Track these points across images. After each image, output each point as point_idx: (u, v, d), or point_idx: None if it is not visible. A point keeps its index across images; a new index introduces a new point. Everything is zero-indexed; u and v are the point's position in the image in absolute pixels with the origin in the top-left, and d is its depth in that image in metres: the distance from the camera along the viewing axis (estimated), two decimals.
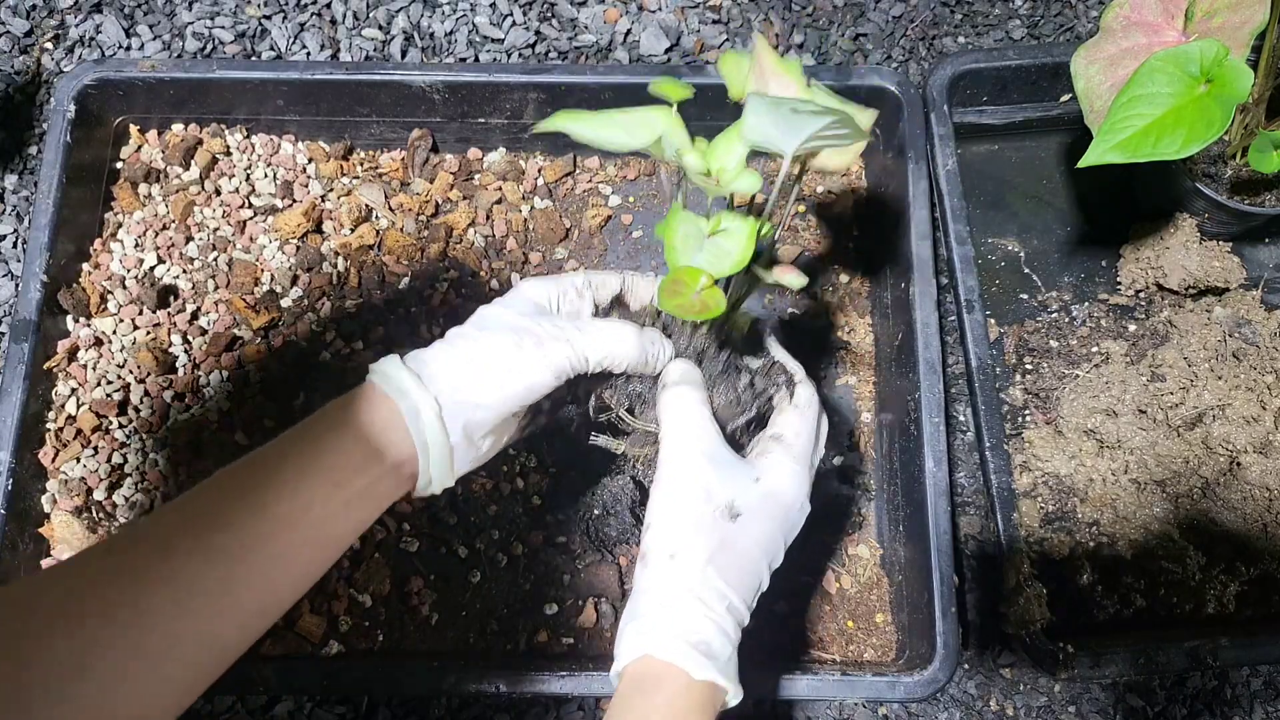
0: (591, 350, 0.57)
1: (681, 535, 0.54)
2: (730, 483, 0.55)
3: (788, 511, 0.56)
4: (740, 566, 0.54)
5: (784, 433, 0.58)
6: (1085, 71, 0.74)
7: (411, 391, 0.54)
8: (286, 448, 0.53)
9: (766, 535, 0.55)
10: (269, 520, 0.50)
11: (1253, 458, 0.76)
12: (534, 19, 0.94)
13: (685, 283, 0.52)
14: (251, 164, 0.86)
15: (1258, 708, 0.78)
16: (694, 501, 0.54)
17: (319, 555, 0.53)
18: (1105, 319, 0.84)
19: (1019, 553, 0.74)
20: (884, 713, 0.77)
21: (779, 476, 0.56)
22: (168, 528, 0.49)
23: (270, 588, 0.50)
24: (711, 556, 0.53)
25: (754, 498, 0.55)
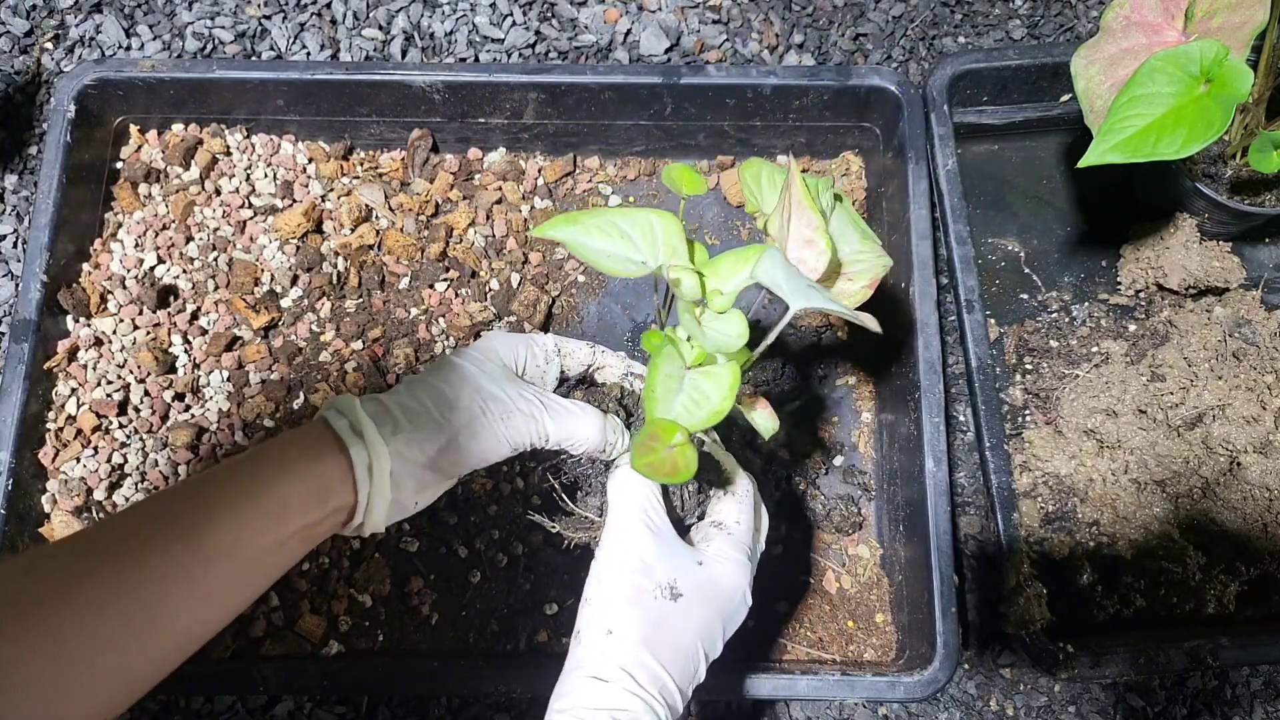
0: (554, 431, 0.57)
1: (619, 610, 0.52)
2: (673, 561, 0.54)
3: (729, 600, 0.55)
4: (677, 648, 0.53)
5: (724, 520, 0.58)
6: (1085, 71, 0.74)
7: (369, 443, 0.53)
8: (229, 480, 0.52)
9: (705, 621, 0.54)
10: (203, 553, 0.48)
11: (1253, 458, 0.76)
12: (534, 19, 0.94)
13: (660, 438, 0.49)
14: (251, 164, 0.86)
15: (1258, 708, 0.78)
16: (634, 576, 0.53)
17: (247, 591, 0.52)
18: (1105, 319, 0.84)
19: (1019, 553, 0.74)
20: (884, 713, 0.77)
21: (722, 564, 0.55)
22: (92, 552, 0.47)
23: (195, 620, 0.49)
24: (648, 635, 0.52)
25: (696, 580, 0.54)
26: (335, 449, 0.53)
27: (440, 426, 0.55)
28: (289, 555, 0.53)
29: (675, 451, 0.49)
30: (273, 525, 0.51)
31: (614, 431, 0.59)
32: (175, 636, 0.48)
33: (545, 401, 0.58)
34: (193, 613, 0.49)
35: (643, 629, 0.52)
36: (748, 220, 0.88)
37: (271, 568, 0.52)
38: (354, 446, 0.53)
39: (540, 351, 0.62)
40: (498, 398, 0.56)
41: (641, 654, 0.51)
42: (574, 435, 0.58)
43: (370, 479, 0.53)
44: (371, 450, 0.53)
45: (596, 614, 0.53)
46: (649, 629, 0.52)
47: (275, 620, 0.73)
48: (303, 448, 0.53)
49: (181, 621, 0.48)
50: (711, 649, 0.55)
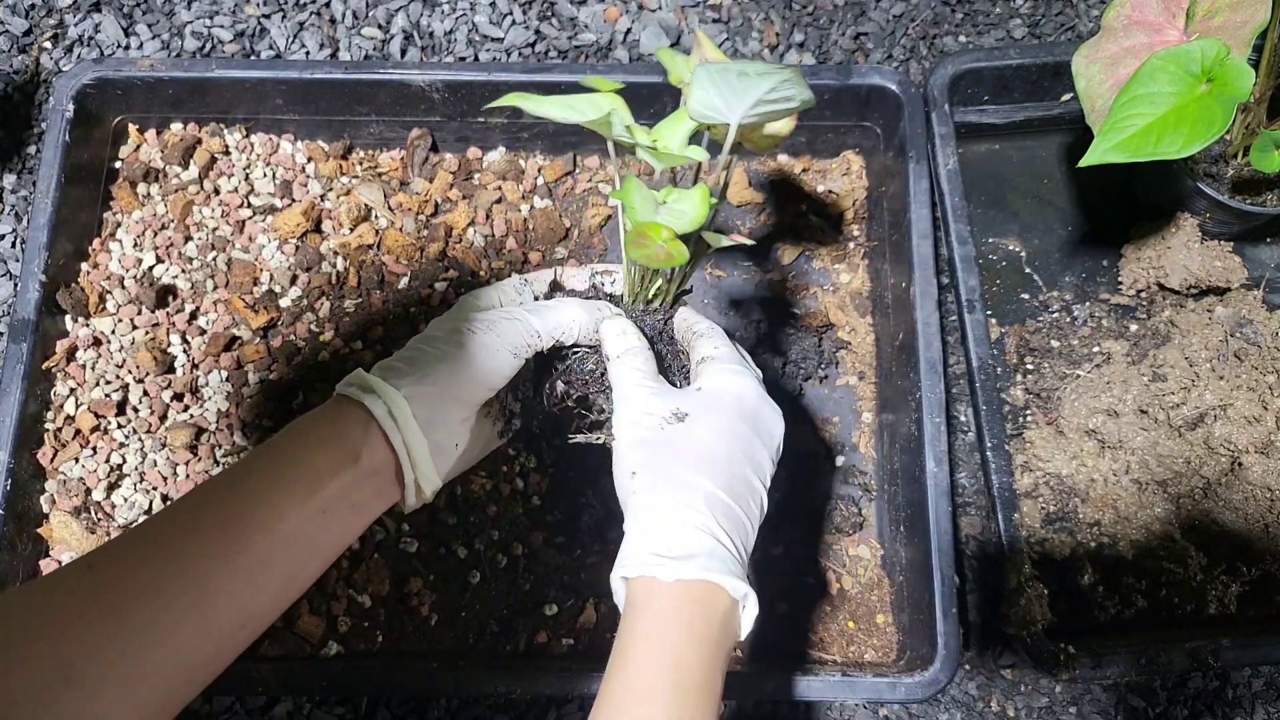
0: (541, 325, 0.59)
1: (634, 454, 0.54)
2: (671, 396, 0.56)
3: (740, 401, 0.56)
4: (701, 454, 0.53)
5: (707, 352, 0.59)
6: (1086, 71, 0.74)
7: (380, 392, 0.55)
8: (256, 460, 0.53)
9: (726, 424, 0.54)
10: (241, 529, 0.49)
11: (1254, 458, 0.76)
12: (534, 18, 0.94)
13: (649, 236, 0.52)
14: (250, 163, 0.86)
15: (1259, 708, 0.78)
16: (641, 421, 0.55)
17: (298, 565, 0.52)
18: (1106, 319, 0.84)
19: (1020, 553, 0.74)
20: (885, 713, 0.77)
21: (718, 377, 0.56)
22: (144, 541, 0.49)
23: (248, 598, 0.50)
24: (670, 456, 0.53)
25: (697, 400, 0.55)
26: (353, 409, 0.55)
27: (439, 357, 0.57)
28: (337, 527, 0.54)
29: (668, 244, 0.52)
30: (307, 494, 0.51)
31: (599, 307, 0.61)
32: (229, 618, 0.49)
33: (526, 307, 0.60)
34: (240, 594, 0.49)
35: (660, 456, 0.53)
36: (748, 220, 0.88)
37: (319, 540, 0.53)
38: (367, 398, 0.54)
39: (510, 288, 0.64)
40: (481, 319, 0.58)
41: (670, 473, 0.52)
42: (561, 323, 0.59)
43: (396, 425, 0.54)
44: (385, 397, 0.54)
45: (619, 466, 0.55)
46: (667, 453, 0.53)
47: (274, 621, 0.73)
48: (323, 417, 0.55)
49: (232, 602, 0.49)
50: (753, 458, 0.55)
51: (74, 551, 0.74)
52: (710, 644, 0.49)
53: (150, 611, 0.46)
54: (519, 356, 0.58)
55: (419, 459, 0.55)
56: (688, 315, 0.63)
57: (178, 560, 0.48)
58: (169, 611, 0.46)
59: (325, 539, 0.53)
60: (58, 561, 0.74)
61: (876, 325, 0.84)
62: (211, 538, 0.49)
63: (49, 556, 0.75)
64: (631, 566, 0.51)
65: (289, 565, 0.52)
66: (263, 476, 0.52)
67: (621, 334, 0.60)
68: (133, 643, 0.45)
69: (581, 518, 0.77)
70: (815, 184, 0.88)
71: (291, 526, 0.51)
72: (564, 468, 0.79)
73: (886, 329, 0.82)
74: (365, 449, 0.54)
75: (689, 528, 0.51)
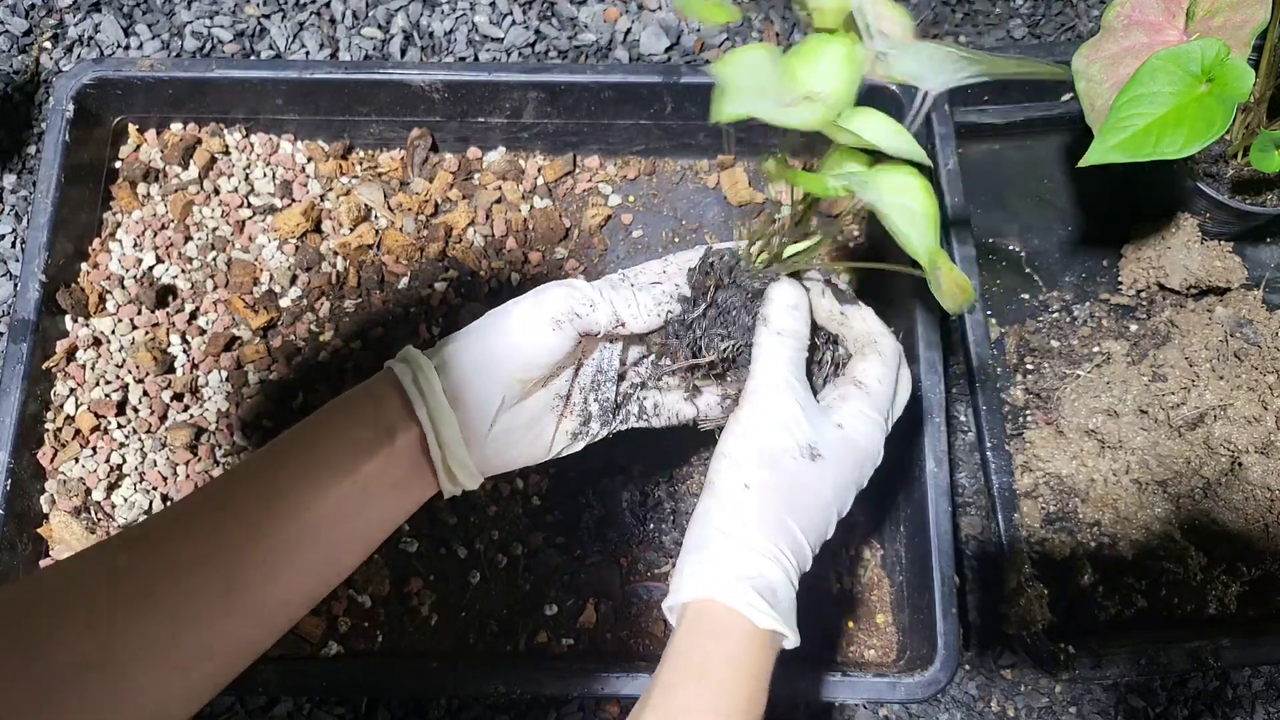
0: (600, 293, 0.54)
1: (759, 468, 0.51)
2: (813, 424, 0.53)
3: (864, 460, 0.54)
4: (812, 509, 0.52)
5: (866, 380, 0.56)
6: (1086, 70, 0.74)
7: (412, 358, 0.52)
8: (294, 436, 0.51)
9: (842, 482, 0.53)
10: (275, 507, 0.48)
11: (1254, 458, 0.76)
12: (534, 18, 0.94)
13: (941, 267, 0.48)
14: (250, 163, 0.86)
15: (1259, 709, 0.78)
16: (776, 433, 0.52)
17: (339, 545, 0.51)
18: (1106, 319, 0.84)
19: (1020, 553, 0.74)
20: (885, 714, 0.77)
21: (860, 424, 0.54)
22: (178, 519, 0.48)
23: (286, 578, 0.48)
24: (785, 494, 0.51)
25: (835, 441, 0.53)
26: (390, 383, 0.52)
27: (477, 327, 0.54)
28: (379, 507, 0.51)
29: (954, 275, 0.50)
30: (345, 471, 0.49)
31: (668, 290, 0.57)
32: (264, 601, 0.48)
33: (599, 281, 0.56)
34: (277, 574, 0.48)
35: (780, 487, 0.51)
36: (748, 220, 0.88)
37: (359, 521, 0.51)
38: (398, 366, 0.52)
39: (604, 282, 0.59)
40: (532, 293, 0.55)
41: (779, 512, 0.51)
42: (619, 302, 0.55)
43: (421, 396, 0.51)
44: (414, 365, 0.52)
45: (734, 468, 0.52)
46: (786, 488, 0.51)
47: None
48: (367, 391, 0.53)
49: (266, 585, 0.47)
50: (844, 507, 0.55)
51: (73, 552, 0.74)
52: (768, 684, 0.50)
53: (182, 593, 0.44)
54: (562, 328, 0.53)
55: (446, 438, 0.52)
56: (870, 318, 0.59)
57: (209, 539, 0.46)
58: (200, 593, 0.45)
59: (367, 519, 0.51)
60: None
61: None
62: (244, 516, 0.47)
63: (49, 556, 0.75)
64: (723, 590, 0.49)
65: (329, 545, 0.50)
66: (300, 453, 0.50)
67: (794, 308, 0.56)
68: (165, 624, 0.44)
69: (581, 518, 0.77)
70: None
71: (330, 505, 0.49)
72: (564, 468, 0.79)
73: None
74: (400, 426, 0.51)
75: (782, 578, 0.51)
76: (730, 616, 0.49)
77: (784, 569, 0.51)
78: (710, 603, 0.50)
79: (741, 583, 0.49)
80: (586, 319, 0.54)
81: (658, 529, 0.77)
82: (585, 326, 0.54)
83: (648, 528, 0.77)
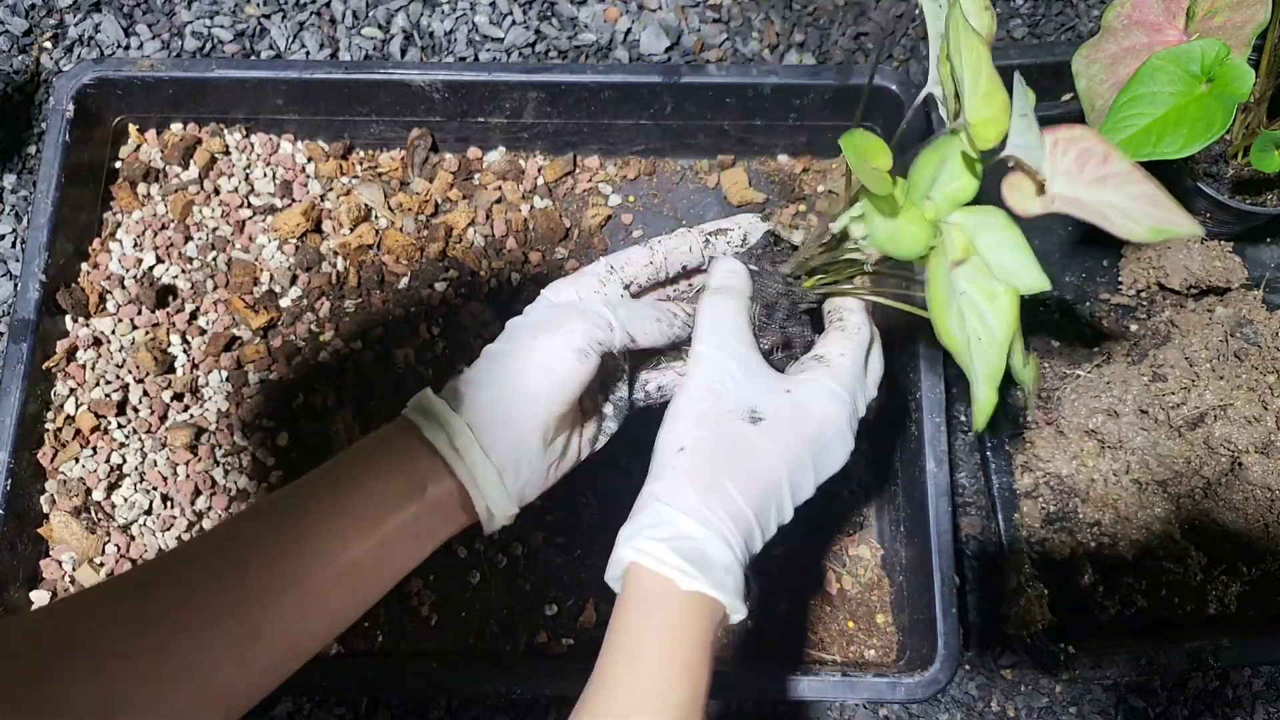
0: (614, 317, 0.53)
1: (692, 430, 0.50)
2: (757, 388, 0.51)
3: (820, 429, 0.51)
4: (755, 473, 0.49)
5: (826, 353, 0.54)
6: (1086, 70, 0.73)
7: (442, 418, 0.51)
8: (317, 485, 0.51)
9: (791, 450, 0.50)
10: (299, 560, 0.47)
11: (1254, 458, 0.76)
12: (534, 18, 0.94)
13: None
14: (250, 163, 0.86)
15: (1259, 708, 0.78)
16: (711, 396, 0.50)
17: (355, 598, 0.51)
18: (1106, 319, 0.84)
19: (1020, 553, 0.74)
20: (885, 714, 0.77)
21: (813, 391, 0.51)
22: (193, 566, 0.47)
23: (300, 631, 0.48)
24: (724, 455, 0.49)
25: (781, 406, 0.51)
26: (415, 436, 0.52)
27: (503, 373, 0.53)
28: (399, 557, 0.51)
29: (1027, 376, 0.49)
30: (368, 526, 0.49)
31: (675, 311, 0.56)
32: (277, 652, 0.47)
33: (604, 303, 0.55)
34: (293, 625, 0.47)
35: (716, 447, 0.49)
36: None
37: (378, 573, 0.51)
38: (429, 428, 0.51)
39: (593, 278, 0.58)
40: (549, 319, 0.53)
41: (713, 473, 0.49)
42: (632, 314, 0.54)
43: (459, 455, 0.51)
44: (447, 426, 0.51)
45: (672, 430, 0.51)
46: (722, 448, 0.49)
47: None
48: (385, 443, 0.52)
49: (282, 635, 0.47)
50: (799, 485, 0.52)
51: (74, 552, 0.74)
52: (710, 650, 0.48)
53: (198, 647, 0.44)
54: (589, 357, 0.53)
55: (488, 488, 0.52)
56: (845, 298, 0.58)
57: (231, 594, 0.46)
58: (217, 647, 0.44)
59: (386, 569, 0.51)
60: (58, 562, 0.74)
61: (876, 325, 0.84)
62: (268, 569, 0.47)
63: (49, 556, 0.75)
64: (652, 558, 0.48)
65: (347, 597, 0.50)
66: (325, 505, 0.49)
67: (732, 273, 0.55)
68: (176, 678, 0.43)
69: (581, 518, 0.77)
70: (815, 184, 0.88)
71: (352, 559, 0.49)
72: None
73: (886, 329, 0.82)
74: (431, 481, 0.51)
75: (714, 539, 0.48)
76: (656, 581, 0.47)
77: (719, 533, 0.48)
78: (637, 569, 0.48)
79: (664, 546, 0.47)
80: (606, 344, 0.54)
81: None
82: (606, 350, 0.54)
83: None
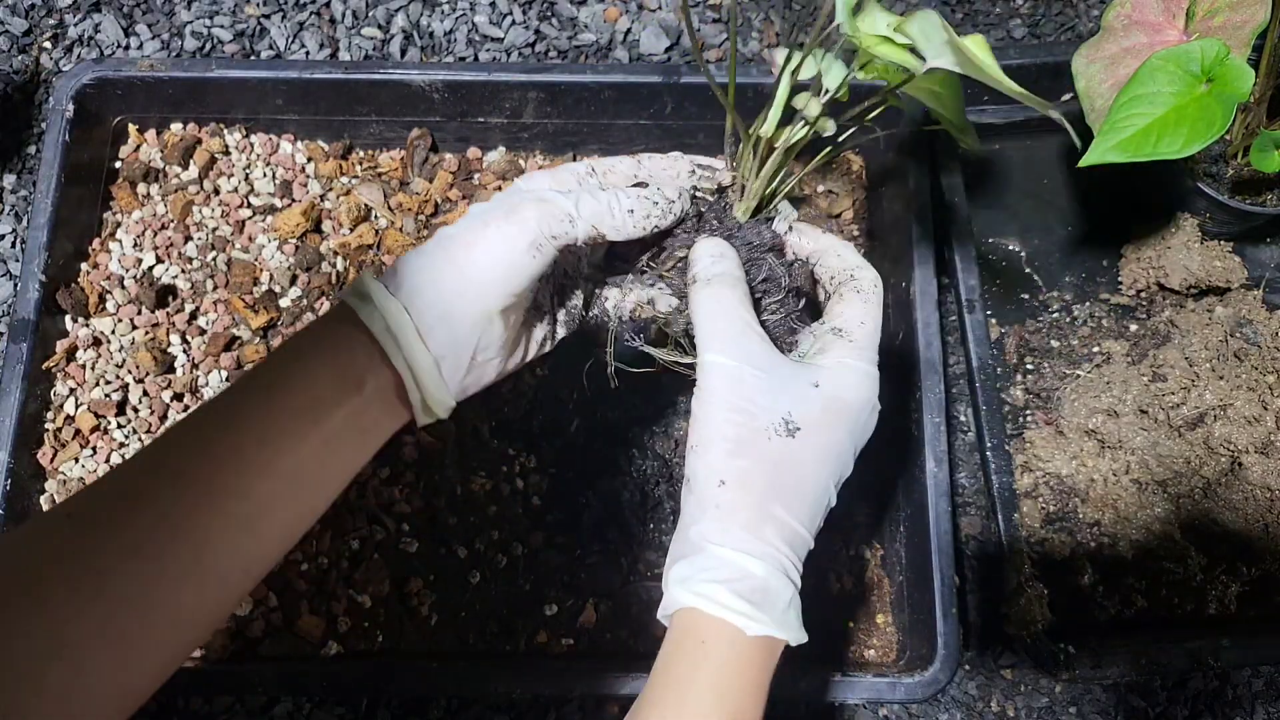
0: (576, 206, 0.48)
1: (729, 458, 0.46)
2: (784, 393, 0.47)
3: (856, 415, 0.48)
4: (802, 489, 0.46)
5: (846, 325, 0.50)
6: (1086, 71, 0.73)
7: (378, 302, 0.48)
8: (248, 390, 0.47)
9: (832, 448, 0.47)
10: (237, 474, 0.44)
11: (1254, 458, 0.76)
12: (533, 18, 0.94)
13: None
14: (250, 163, 0.86)
15: (1259, 709, 0.78)
16: (741, 418, 0.46)
17: (303, 502, 0.48)
18: (1106, 319, 0.84)
19: (1020, 553, 0.74)
20: (884, 714, 0.77)
21: (843, 379, 0.48)
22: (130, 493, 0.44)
23: (250, 546, 0.45)
24: (768, 481, 0.46)
25: (815, 407, 0.47)
26: (352, 322, 0.48)
27: (449, 256, 0.49)
28: (344, 456, 0.48)
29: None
30: (309, 427, 0.46)
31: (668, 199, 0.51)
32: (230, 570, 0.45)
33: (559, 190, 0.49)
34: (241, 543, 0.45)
35: (758, 476, 0.46)
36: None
37: (324, 475, 0.48)
38: (364, 310, 0.48)
39: (570, 176, 0.54)
40: (501, 204, 0.49)
41: (765, 502, 0.46)
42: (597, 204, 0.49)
43: (396, 342, 0.47)
44: (383, 308, 0.48)
45: (703, 460, 0.47)
46: (765, 475, 0.46)
47: (274, 621, 0.73)
48: (319, 334, 0.49)
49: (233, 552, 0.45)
50: (843, 472, 0.49)
51: None
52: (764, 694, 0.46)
53: (143, 575, 0.42)
54: (542, 251, 0.48)
55: (425, 379, 0.48)
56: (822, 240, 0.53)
57: (170, 515, 0.43)
58: (164, 573, 0.42)
59: (331, 471, 0.48)
60: None
61: None
62: (206, 486, 0.44)
63: None
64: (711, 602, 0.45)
65: (293, 504, 0.47)
66: (258, 409, 0.46)
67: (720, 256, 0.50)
68: (124, 609, 0.41)
69: (581, 518, 0.77)
70: (815, 184, 0.88)
71: (294, 463, 0.46)
72: (564, 468, 0.79)
73: (886, 328, 0.82)
74: (369, 371, 0.48)
75: (776, 574, 0.46)
76: (716, 626, 0.45)
77: (778, 564, 0.46)
78: (694, 612, 0.46)
79: (726, 590, 0.45)
80: (564, 237, 0.49)
81: (658, 529, 0.77)
82: (563, 244, 0.49)
83: (648, 528, 0.77)
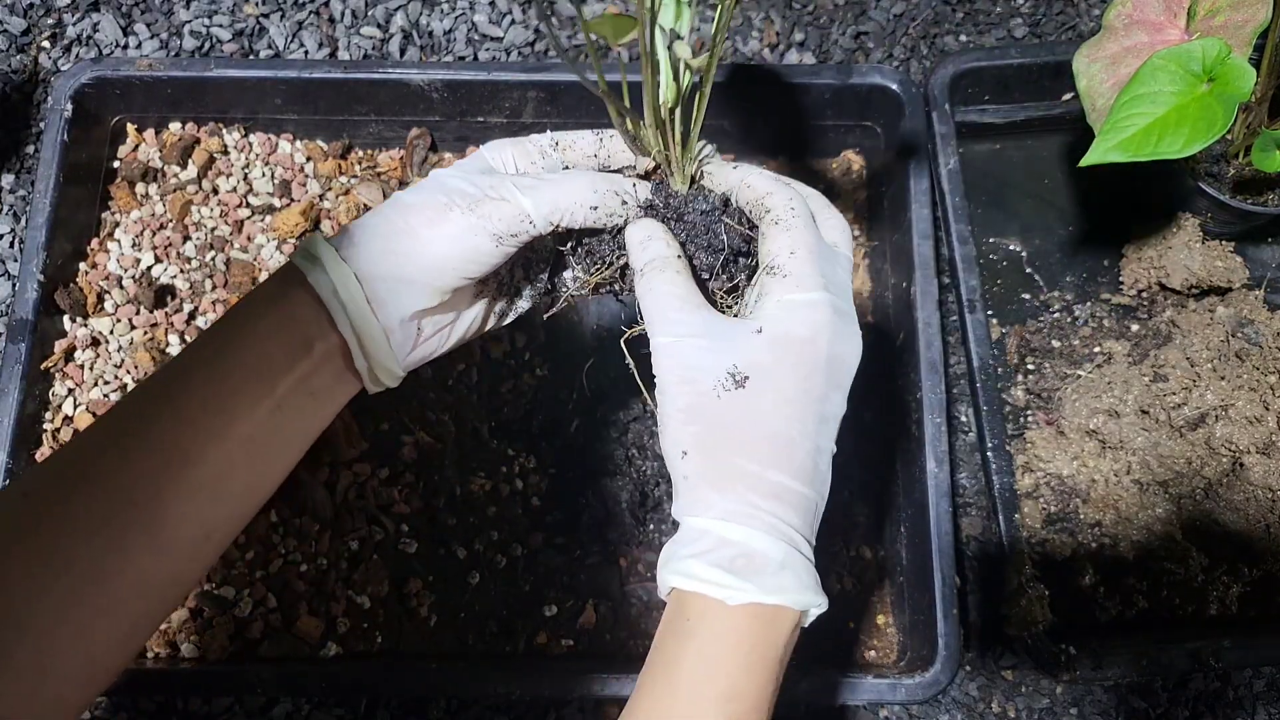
0: (533, 206, 0.48)
1: (684, 426, 0.45)
2: (726, 350, 0.45)
3: (812, 348, 0.46)
4: (771, 435, 0.44)
5: (776, 261, 0.47)
6: (1087, 70, 0.73)
7: (328, 266, 0.47)
8: (197, 357, 0.47)
9: (795, 388, 0.45)
10: (190, 440, 0.44)
11: (1255, 458, 0.76)
12: (533, 17, 0.94)
13: None
14: (249, 163, 0.86)
15: (1260, 709, 0.78)
16: (688, 388, 0.45)
17: (261, 466, 0.47)
18: (1107, 319, 0.84)
19: (1021, 554, 0.74)
20: (885, 715, 0.77)
21: (784, 314, 0.46)
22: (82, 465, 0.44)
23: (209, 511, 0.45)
24: (726, 436, 0.44)
25: (761, 353, 0.45)
26: (302, 284, 0.48)
27: (408, 230, 0.48)
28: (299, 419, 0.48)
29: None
30: (260, 392, 0.46)
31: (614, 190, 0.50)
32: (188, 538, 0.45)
33: (522, 180, 0.49)
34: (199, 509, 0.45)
35: (715, 435, 0.44)
36: None
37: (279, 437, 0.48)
38: (314, 273, 0.47)
39: (532, 148, 0.54)
40: (465, 191, 0.49)
41: (729, 459, 0.44)
42: (559, 203, 0.49)
43: (344, 308, 0.47)
44: (333, 273, 0.47)
45: (665, 438, 0.46)
46: (723, 432, 0.44)
47: (273, 621, 0.72)
48: (273, 297, 0.48)
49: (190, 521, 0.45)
50: (826, 413, 0.46)
51: None
52: (770, 666, 0.44)
53: (100, 545, 0.41)
54: (503, 245, 0.49)
55: (372, 349, 0.48)
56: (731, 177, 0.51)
57: (124, 485, 0.43)
58: (121, 543, 0.42)
59: (287, 434, 0.48)
60: None
61: (877, 325, 0.84)
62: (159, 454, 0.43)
63: None
64: (688, 578, 0.44)
65: (250, 469, 0.47)
66: (207, 375, 0.46)
67: (648, 239, 0.50)
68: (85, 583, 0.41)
69: (581, 518, 0.77)
70: (815, 184, 0.88)
71: (247, 428, 0.45)
72: (564, 468, 0.78)
73: (887, 329, 0.82)
74: (318, 335, 0.47)
75: (759, 534, 0.44)
76: (699, 602, 0.44)
77: (760, 523, 0.44)
78: (679, 592, 0.45)
79: (699, 561, 0.43)
80: (525, 235, 0.49)
81: (658, 529, 0.77)
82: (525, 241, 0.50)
83: (648, 528, 0.77)
